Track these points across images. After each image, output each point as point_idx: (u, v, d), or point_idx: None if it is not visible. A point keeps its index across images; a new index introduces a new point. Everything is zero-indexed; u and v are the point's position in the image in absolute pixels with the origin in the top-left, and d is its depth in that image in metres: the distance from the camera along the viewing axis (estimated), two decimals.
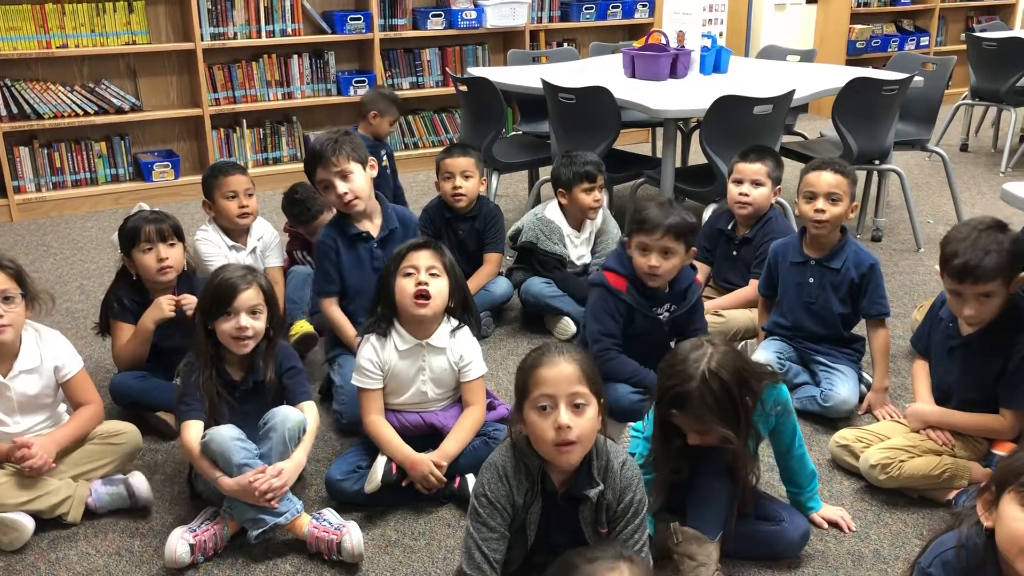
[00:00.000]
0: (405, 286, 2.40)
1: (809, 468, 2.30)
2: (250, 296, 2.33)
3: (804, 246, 2.98)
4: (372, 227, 2.97)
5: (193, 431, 2.30)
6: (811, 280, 2.94)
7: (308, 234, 3.61)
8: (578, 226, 3.66)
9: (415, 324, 2.47)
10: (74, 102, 5.13)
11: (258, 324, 2.35)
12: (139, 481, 2.42)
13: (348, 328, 2.92)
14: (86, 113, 5.16)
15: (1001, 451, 2.45)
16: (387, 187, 4.31)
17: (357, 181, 2.86)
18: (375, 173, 2.96)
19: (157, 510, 2.47)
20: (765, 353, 2.94)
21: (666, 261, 2.75)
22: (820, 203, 2.87)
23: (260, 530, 2.23)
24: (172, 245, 2.81)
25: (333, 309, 2.96)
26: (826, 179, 2.90)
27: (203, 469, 2.27)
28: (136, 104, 5.31)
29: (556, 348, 1.84)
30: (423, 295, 2.38)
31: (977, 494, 1.59)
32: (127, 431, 2.53)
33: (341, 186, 2.84)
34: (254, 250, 3.39)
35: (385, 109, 4.47)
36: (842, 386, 2.84)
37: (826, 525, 2.34)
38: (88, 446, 2.48)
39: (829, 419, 2.84)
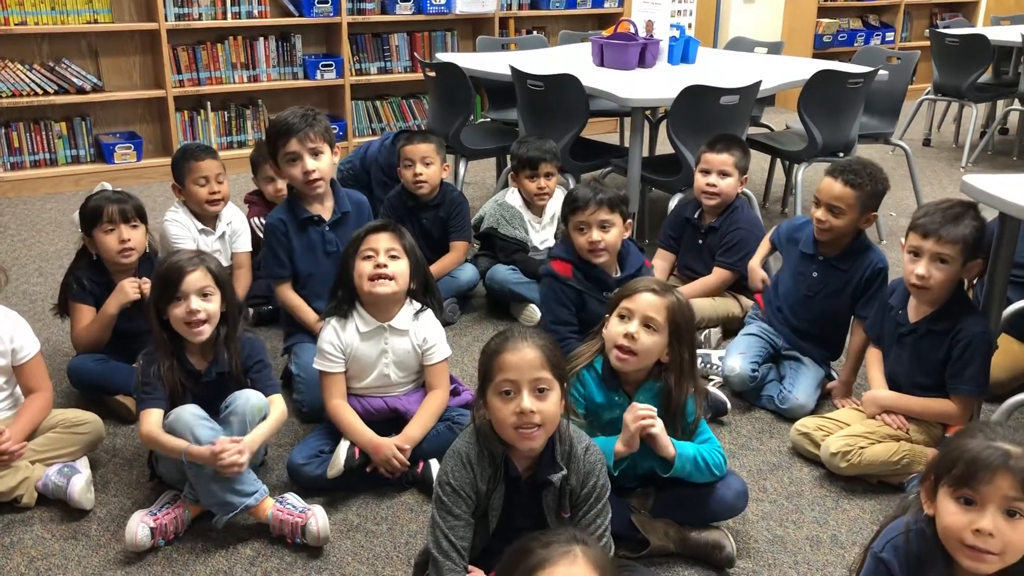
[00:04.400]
0: (364, 269, 2.39)
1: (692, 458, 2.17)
2: (198, 278, 2.27)
3: (816, 240, 2.91)
4: (324, 210, 2.94)
5: (153, 418, 2.25)
6: (815, 275, 2.92)
7: (274, 193, 3.59)
8: (538, 211, 3.67)
9: (376, 307, 2.45)
10: (33, 81, 5.03)
11: (210, 306, 2.29)
12: (75, 485, 2.33)
13: (305, 310, 2.89)
14: (46, 92, 5.06)
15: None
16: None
17: (325, 161, 2.84)
18: (338, 159, 2.94)
19: (115, 494, 2.43)
20: (742, 361, 2.91)
21: (606, 234, 2.77)
22: (820, 212, 2.81)
23: (230, 514, 2.20)
24: (135, 227, 2.77)
25: (288, 293, 2.92)
26: (833, 188, 2.77)
27: (167, 446, 2.21)
28: (98, 84, 5.22)
29: (520, 333, 1.83)
30: (381, 276, 2.37)
31: (919, 482, 1.61)
32: (90, 421, 2.50)
33: (311, 163, 2.80)
34: (223, 235, 3.34)
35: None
36: (801, 390, 2.85)
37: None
38: (51, 434, 2.44)
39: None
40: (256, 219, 3.65)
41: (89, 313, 2.79)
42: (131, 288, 2.73)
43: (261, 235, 3.53)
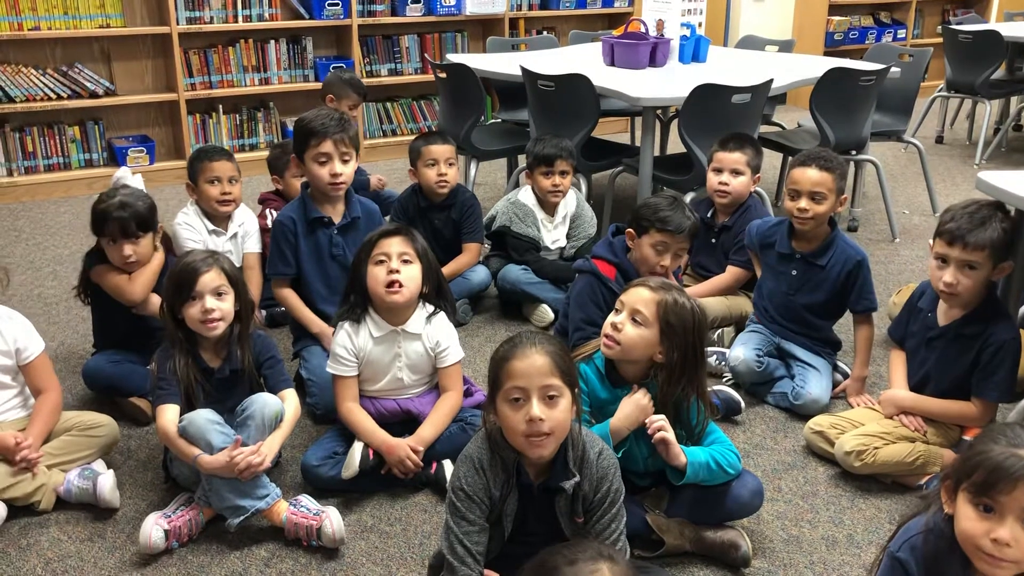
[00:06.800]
0: (377, 274, 2.38)
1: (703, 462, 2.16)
2: (212, 278, 2.29)
3: (791, 239, 2.95)
4: (335, 213, 2.94)
5: (169, 414, 2.26)
6: (794, 273, 2.94)
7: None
8: (551, 210, 3.66)
9: (389, 311, 2.45)
10: (47, 86, 5.06)
11: (225, 305, 2.31)
12: (104, 484, 2.34)
13: (303, 310, 2.89)
14: (59, 97, 5.09)
15: (972, 437, 2.47)
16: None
17: (351, 168, 2.86)
18: (356, 166, 2.95)
19: (131, 496, 2.44)
20: (745, 350, 2.92)
21: (676, 263, 2.79)
22: (803, 202, 2.83)
23: (241, 517, 2.21)
24: (137, 239, 2.70)
25: (286, 291, 2.93)
26: (810, 176, 2.84)
27: (181, 450, 2.23)
28: (110, 88, 5.24)
29: (528, 339, 1.81)
30: (395, 283, 2.37)
31: (940, 480, 1.59)
32: (105, 424, 2.50)
33: (339, 166, 2.82)
34: (234, 235, 3.35)
35: (340, 92, 4.40)
36: (814, 385, 2.84)
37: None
38: (66, 437, 2.45)
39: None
40: (269, 210, 3.64)
41: (123, 276, 2.74)
42: None
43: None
